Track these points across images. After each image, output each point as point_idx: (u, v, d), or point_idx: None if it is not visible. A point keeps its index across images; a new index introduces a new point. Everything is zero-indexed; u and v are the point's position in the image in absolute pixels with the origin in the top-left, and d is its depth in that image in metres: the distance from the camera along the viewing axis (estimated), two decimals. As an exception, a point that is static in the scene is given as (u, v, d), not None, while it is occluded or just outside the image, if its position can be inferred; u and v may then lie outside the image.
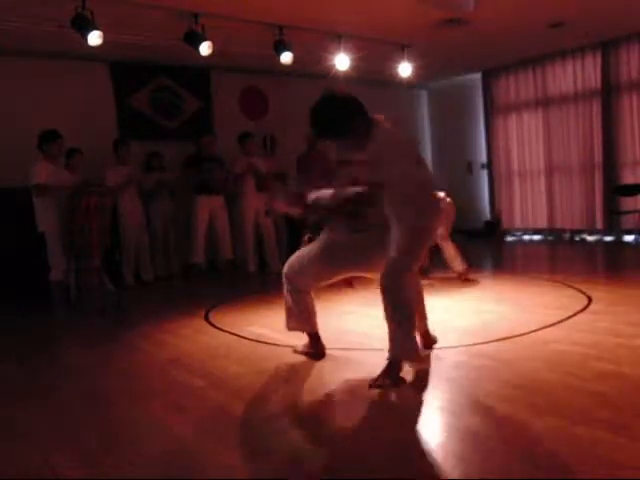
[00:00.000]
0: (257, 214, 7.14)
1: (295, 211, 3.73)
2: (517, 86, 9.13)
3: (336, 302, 4.93)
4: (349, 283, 5.16)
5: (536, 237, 9.01)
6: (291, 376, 3.15)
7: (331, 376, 3.09)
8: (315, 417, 2.54)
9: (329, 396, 2.78)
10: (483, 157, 9.71)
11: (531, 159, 9.04)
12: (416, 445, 2.27)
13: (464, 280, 5.42)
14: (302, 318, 3.37)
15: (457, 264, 5.45)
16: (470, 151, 9.88)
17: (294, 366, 3.29)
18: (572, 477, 1.88)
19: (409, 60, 7.12)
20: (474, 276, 5.57)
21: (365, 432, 2.35)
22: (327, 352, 3.48)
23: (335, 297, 5.03)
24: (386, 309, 2.87)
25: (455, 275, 5.50)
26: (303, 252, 3.33)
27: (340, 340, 3.76)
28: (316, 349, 3.39)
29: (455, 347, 3.43)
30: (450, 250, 5.44)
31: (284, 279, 3.35)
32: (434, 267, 5.65)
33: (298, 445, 2.25)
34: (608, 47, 7.99)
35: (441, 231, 5.40)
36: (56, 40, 5.87)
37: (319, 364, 3.30)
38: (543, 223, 8.96)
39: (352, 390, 2.83)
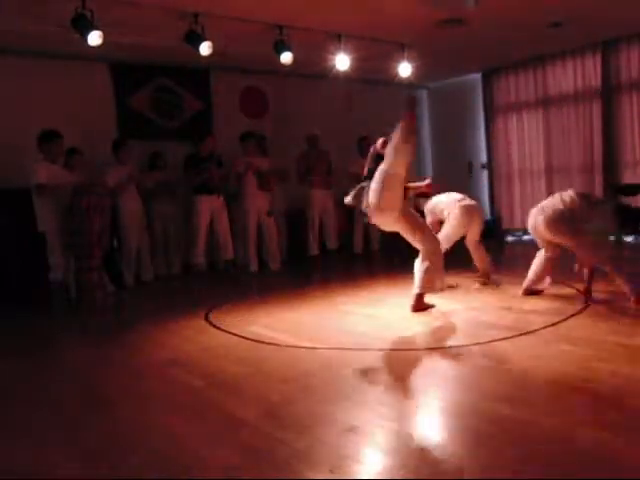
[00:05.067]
0: (259, 213, 7.14)
1: None
2: (517, 86, 9.13)
3: (336, 302, 4.93)
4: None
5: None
6: (290, 376, 3.15)
7: (330, 376, 3.09)
8: (314, 417, 2.54)
9: (329, 396, 2.78)
10: (483, 157, 9.70)
11: (531, 159, 9.05)
12: (415, 444, 2.27)
13: (483, 283, 5.39)
14: None
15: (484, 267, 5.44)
16: (470, 151, 9.87)
17: (294, 366, 3.29)
18: (572, 477, 1.88)
19: (409, 60, 7.12)
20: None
21: (365, 432, 2.35)
22: (327, 352, 3.47)
23: (335, 297, 5.03)
24: None
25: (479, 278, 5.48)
26: None
27: (340, 340, 3.76)
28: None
29: (455, 347, 3.43)
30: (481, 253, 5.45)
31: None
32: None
33: (297, 445, 2.25)
34: (608, 47, 7.99)
35: (473, 235, 5.39)
36: (56, 40, 5.86)
37: (319, 364, 3.29)
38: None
39: (351, 390, 2.83)
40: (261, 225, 7.22)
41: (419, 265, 4.39)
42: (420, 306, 4.38)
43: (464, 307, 4.53)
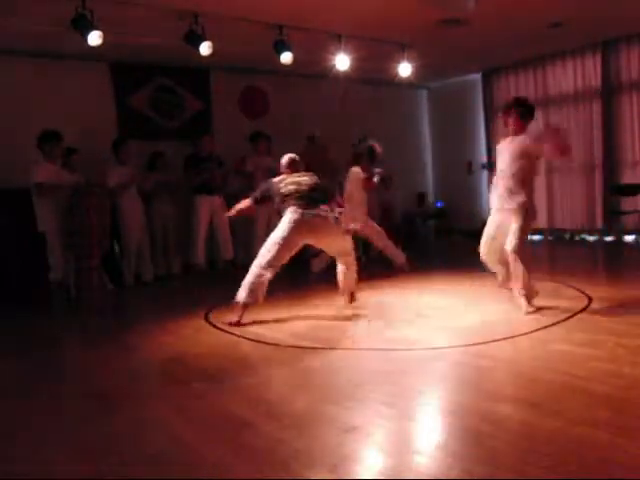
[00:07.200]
0: (269, 213, 7.09)
1: None
2: (517, 86, 9.12)
3: (336, 302, 4.93)
4: None
5: (536, 237, 9.00)
6: (290, 376, 3.15)
7: (330, 376, 3.09)
8: (314, 417, 2.54)
9: (329, 396, 2.78)
10: (483, 157, 9.70)
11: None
12: (415, 444, 2.27)
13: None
14: None
15: None
16: (470, 151, 9.87)
17: (294, 366, 3.29)
18: (572, 477, 1.88)
19: (409, 60, 7.11)
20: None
21: (365, 432, 2.35)
22: (327, 352, 3.47)
23: (335, 297, 5.02)
24: None
25: None
26: None
27: (340, 340, 3.76)
28: None
29: (455, 347, 3.43)
30: None
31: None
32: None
33: (297, 445, 2.25)
34: (608, 47, 7.99)
35: None
36: (56, 40, 5.86)
37: (319, 364, 3.29)
38: (543, 223, 8.96)
39: (351, 390, 2.83)
40: (270, 224, 7.17)
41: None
42: None
43: (463, 307, 4.53)
